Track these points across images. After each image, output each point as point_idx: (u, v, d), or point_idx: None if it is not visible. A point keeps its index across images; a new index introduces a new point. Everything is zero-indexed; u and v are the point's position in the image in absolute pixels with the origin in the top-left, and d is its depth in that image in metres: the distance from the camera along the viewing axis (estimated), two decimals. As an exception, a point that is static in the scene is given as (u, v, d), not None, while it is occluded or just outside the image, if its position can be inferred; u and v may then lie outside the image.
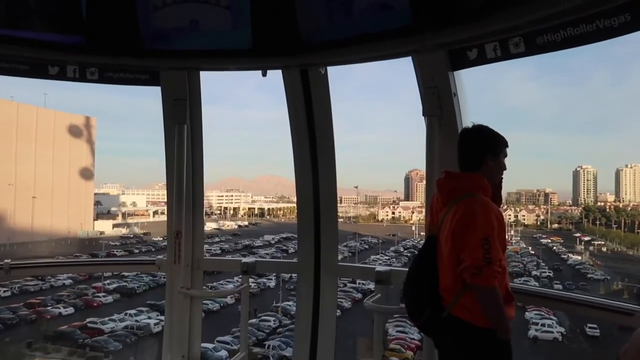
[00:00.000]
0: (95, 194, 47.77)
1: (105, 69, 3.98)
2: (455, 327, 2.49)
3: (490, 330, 2.42)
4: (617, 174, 58.22)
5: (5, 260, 4.03)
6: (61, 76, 3.93)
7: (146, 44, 3.64)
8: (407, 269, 3.89)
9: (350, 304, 23.28)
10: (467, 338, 2.47)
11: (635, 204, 53.14)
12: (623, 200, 54.48)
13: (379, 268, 3.81)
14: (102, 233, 41.52)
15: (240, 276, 4.17)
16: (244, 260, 4.20)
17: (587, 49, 2.91)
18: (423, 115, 3.47)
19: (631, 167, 57.34)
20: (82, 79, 3.97)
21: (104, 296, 24.13)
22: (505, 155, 2.75)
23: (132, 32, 3.52)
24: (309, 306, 4.15)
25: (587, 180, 59.92)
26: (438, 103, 3.38)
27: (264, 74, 3.83)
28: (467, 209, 2.47)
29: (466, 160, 2.71)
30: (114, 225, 44.86)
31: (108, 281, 25.38)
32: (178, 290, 4.06)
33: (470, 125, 2.77)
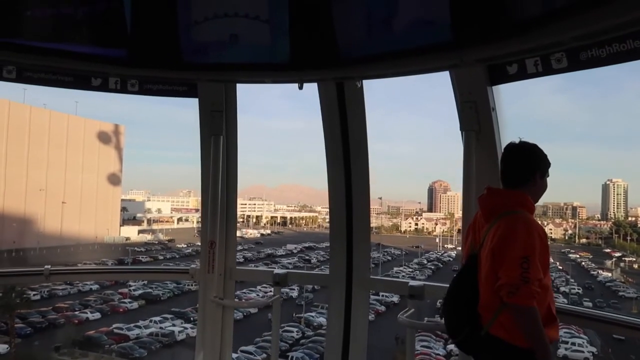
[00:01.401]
0: (122, 200, 48.65)
1: (145, 81, 4.08)
2: (494, 346, 2.45)
3: (529, 351, 2.38)
4: (649, 188, 56.56)
5: (46, 266, 4.14)
6: (103, 87, 4.05)
7: (186, 57, 3.73)
8: (440, 284, 3.86)
9: (373, 316, 23.11)
10: (506, 357, 2.43)
11: (669, 219, 51.48)
12: (655, 216, 52.83)
13: (412, 283, 3.78)
14: (127, 239, 42.19)
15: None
16: (276, 271, 4.22)
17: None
18: (460, 129, 3.46)
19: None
20: (123, 90, 4.08)
21: (129, 302, 24.44)
22: (548, 176, 2.72)
23: (173, 45, 3.61)
24: (341, 319, 4.14)
25: (617, 194, 58.29)
26: (476, 118, 3.36)
27: (301, 87, 3.87)
28: (508, 226, 2.44)
29: (511, 177, 2.67)
30: (140, 232, 45.57)
31: (133, 287, 25.75)
32: (211, 299, 4.10)
33: (516, 141, 2.72)
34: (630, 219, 53.50)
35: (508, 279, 2.34)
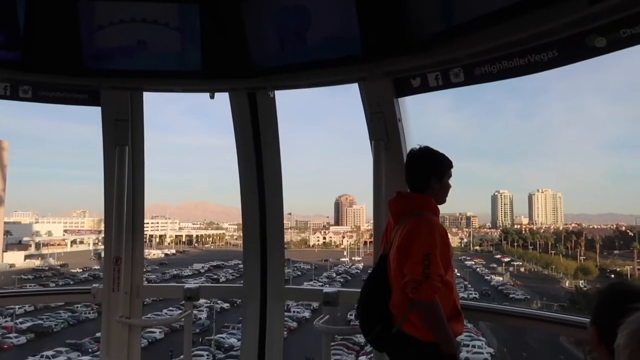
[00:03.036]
0: (5, 222, 44.03)
1: (40, 88, 3.78)
2: (404, 343, 2.57)
3: (435, 345, 2.52)
4: (530, 198, 62.75)
5: None
6: (-10, 93, 3.68)
7: (87, 63, 3.53)
8: (354, 290, 3.96)
9: (286, 333, 22.94)
10: (415, 353, 2.56)
11: (547, 226, 57.38)
12: (536, 223, 58.62)
13: (326, 289, 3.85)
14: (12, 265, 38.14)
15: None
16: (187, 285, 4.06)
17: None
18: (370, 139, 3.61)
19: (542, 192, 62.05)
20: (14, 96, 3.75)
21: (15, 337, 21.78)
22: (450, 176, 2.90)
23: (73, 50, 3.40)
24: (256, 331, 4.08)
25: (504, 204, 63.93)
26: (384, 128, 3.54)
27: (212, 96, 3.82)
28: (412, 226, 2.59)
29: (413, 182, 2.84)
30: (26, 257, 41.45)
31: (20, 320, 23.12)
32: (117, 319, 3.84)
33: (416, 147, 2.89)
34: (516, 226, 58.87)
35: (412, 275, 2.48)
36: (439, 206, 2.82)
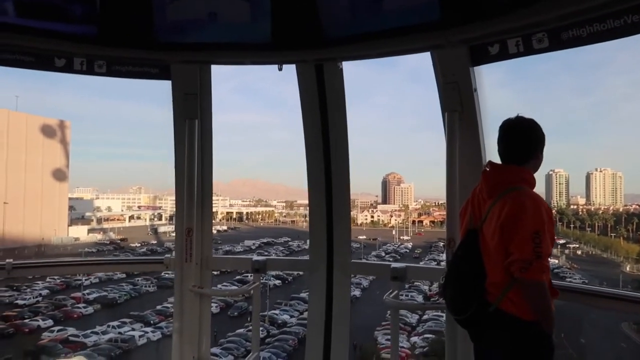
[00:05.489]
0: (69, 198, 46.54)
1: (114, 62, 3.87)
2: (502, 321, 2.48)
3: (536, 324, 2.43)
4: (588, 178, 59.79)
5: (7, 260, 3.86)
6: (68, 68, 3.80)
7: (160, 36, 3.57)
8: (421, 266, 3.88)
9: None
10: (514, 332, 2.46)
11: (606, 207, 54.67)
12: (594, 204, 55.93)
13: (394, 264, 3.80)
14: (77, 239, 40.37)
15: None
16: (255, 258, 4.13)
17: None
18: (443, 110, 3.48)
19: (601, 171, 58.95)
20: (90, 71, 3.86)
21: (84, 307, 23.06)
22: None
23: (146, 24, 3.45)
24: (322, 304, 4.10)
25: (560, 183, 61.21)
26: (458, 98, 3.39)
27: (280, 68, 3.80)
28: (516, 202, 2.45)
29: (513, 154, 2.66)
30: (89, 231, 43.77)
31: (87, 291, 24.50)
32: (189, 289, 3.96)
33: (512, 117, 2.72)
34: (571, 207, 56.44)
35: (521, 254, 2.36)
36: None
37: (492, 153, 3.50)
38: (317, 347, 4.09)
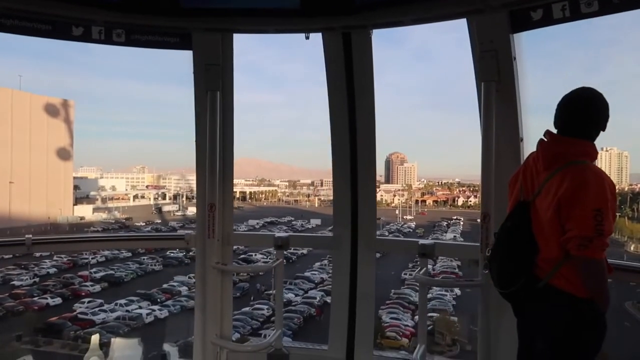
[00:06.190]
0: (74, 177, 46.54)
1: (133, 31, 3.72)
2: (552, 296, 2.37)
3: (590, 301, 2.32)
4: (594, 159, 59.08)
5: (27, 236, 3.78)
6: (86, 37, 3.65)
7: (182, 2, 3.43)
8: (449, 242, 3.78)
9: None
10: (567, 309, 2.35)
11: None
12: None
13: (422, 241, 3.69)
14: (82, 218, 40.47)
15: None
16: (278, 234, 4.03)
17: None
18: (479, 80, 3.32)
19: (606, 150, 58.22)
20: (108, 40, 3.70)
21: (91, 285, 23.19)
22: None
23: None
24: (346, 282, 4.02)
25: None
26: (496, 67, 3.23)
27: (307, 37, 3.65)
28: (578, 176, 2.31)
29: (576, 126, 2.49)
30: (94, 210, 43.89)
31: (94, 269, 24.63)
32: (213, 265, 3.88)
33: (578, 89, 2.53)
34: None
35: (580, 230, 2.24)
36: None
37: (528, 126, 3.37)
38: (341, 325, 4.02)
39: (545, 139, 2.55)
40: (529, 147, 3.36)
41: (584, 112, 2.50)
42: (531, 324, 2.52)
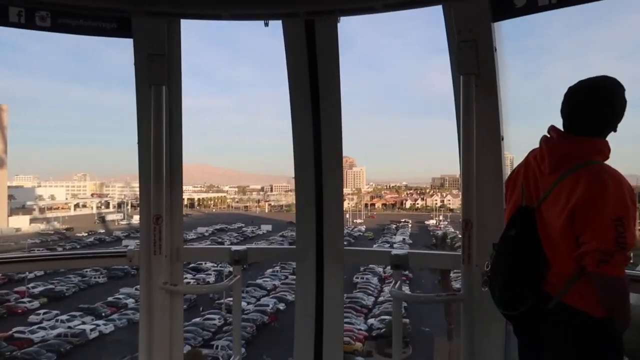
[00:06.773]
0: (8, 187, 43.63)
1: (60, 14, 3.17)
2: (567, 318, 2.07)
3: (607, 321, 2.03)
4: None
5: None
6: (1, 20, 3.08)
7: (119, -19, 2.93)
8: (424, 252, 3.46)
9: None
10: (582, 329, 2.06)
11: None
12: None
13: (395, 251, 3.35)
14: (18, 230, 37.91)
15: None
16: (234, 248, 3.59)
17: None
18: (458, 72, 3.03)
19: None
20: (30, 24, 3.14)
21: (29, 301, 21.51)
22: None
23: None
24: (312, 297, 3.63)
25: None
26: (475, 59, 2.95)
27: (267, 24, 3.24)
28: (594, 180, 2.03)
29: (587, 120, 2.20)
30: (31, 221, 41.22)
31: (32, 284, 22.85)
32: (160, 286, 3.37)
33: (586, 79, 2.23)
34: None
35: (599, 243, 1.94)
36: None
37: (509, 123, 3.12)
38: (307, 342, 3.63)
39: (550, 136, 2.25)
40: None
41: (600, 105, 2.20)
42: (539, 348, 2.21)
